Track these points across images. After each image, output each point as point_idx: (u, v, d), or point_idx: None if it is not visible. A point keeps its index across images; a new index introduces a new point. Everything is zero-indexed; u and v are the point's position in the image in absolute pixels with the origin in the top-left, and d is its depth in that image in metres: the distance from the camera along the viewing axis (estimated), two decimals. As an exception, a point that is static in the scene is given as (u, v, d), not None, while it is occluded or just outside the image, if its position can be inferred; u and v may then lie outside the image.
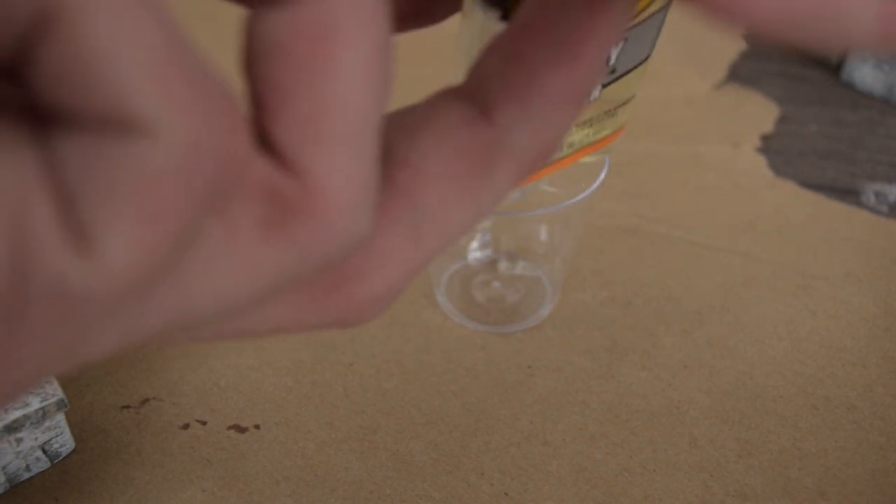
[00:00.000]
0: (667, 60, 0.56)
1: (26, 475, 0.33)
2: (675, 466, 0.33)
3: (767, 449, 0.34)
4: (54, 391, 0.32)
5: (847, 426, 0.35)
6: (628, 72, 0.24)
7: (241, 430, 0.35)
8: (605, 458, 0.33)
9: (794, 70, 0.56)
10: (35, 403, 0.31)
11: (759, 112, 0.52)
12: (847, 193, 0.47)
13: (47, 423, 0.32)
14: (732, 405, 0.35)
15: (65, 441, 0.33)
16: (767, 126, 0.51)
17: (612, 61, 0.23)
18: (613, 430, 0.35)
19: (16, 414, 0.31)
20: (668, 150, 0.49)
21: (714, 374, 0.37)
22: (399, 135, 0.12)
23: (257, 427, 0.35)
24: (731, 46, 0.57)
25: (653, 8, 0.22)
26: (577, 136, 0.27)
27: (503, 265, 0.39)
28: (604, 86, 0.24)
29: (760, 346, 0.38)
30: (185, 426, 0.35)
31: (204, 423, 0.35)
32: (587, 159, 0.32)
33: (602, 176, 0.35)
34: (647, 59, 0.24)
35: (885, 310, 0.39)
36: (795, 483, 0.32)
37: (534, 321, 0.39)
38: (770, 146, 0.50)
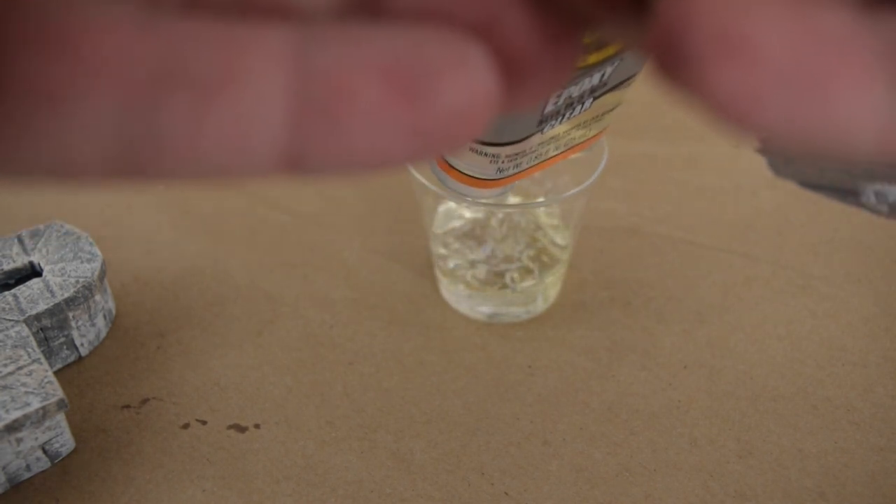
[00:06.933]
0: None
1: (26, 475, 0.33)
2: (675, 466, 0.33)
3: (767, 449, 0.34)
4: (54, 391, 0.32)
5: (847, 427, 0.35)
6: (618, 85, 0.25)
7: (241, 429, 0.35)
8: (605, 457, 0.34)
9: (794, 70, 0.56)
10: (35, 403, 0.31)
11: (759, 112, 0.52)
12: (847, 193, 0.47)
13: (47, 423, 0.32)
14: (732, 405, 0.35)
15: (65, 441, 0.33)
16: (767, 126, 0.51)
17: (606, 76, 0.24)
18: (613, 430, 0.35)
19: (16, 414, 0.31)
20: (668, 150, 0.49)
21: (714, 374, 0.37)
22: None
23: (257, 427, 0.35)
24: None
25: None
26: (573, 134, 0.28)
27: (506, 256, 0.39)
28: (595, 97, 0.25)
29: (760, 346, 0.38)
30: (185, 426, 0.35)
31: (204, 423, 0.35)
32: (575, 156, 0.33)
33: (601, 166, 0.35)
34: (636, 74, 0.25)
35: (885, 310, 0.39)
36: (795, 484, 0.32)
37: (540, 307, 0.39)
38: (770, 146, 0.50)
